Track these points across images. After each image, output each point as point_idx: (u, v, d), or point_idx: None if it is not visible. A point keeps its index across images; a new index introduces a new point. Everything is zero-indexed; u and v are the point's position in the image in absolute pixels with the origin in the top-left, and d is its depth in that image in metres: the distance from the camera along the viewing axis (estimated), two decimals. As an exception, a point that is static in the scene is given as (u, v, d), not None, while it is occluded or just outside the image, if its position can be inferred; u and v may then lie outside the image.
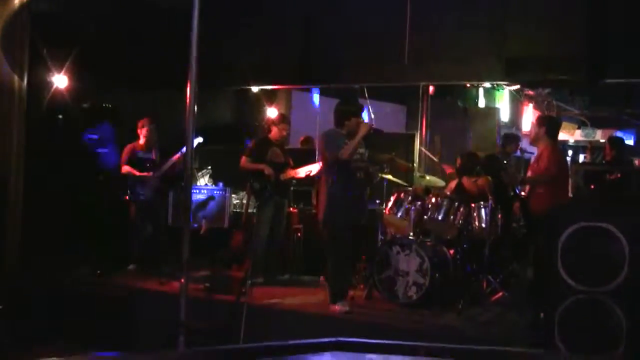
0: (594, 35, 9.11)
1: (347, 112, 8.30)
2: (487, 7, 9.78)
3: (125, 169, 10.40)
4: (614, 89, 12.88)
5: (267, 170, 9.62)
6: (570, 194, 8.91)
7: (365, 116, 8.74)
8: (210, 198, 9.76)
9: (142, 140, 10.53)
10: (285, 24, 11.07)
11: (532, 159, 8.63)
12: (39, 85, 10.51)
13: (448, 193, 9.45)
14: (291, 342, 2.65)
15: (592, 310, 6.38)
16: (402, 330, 7.54)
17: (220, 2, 10.18)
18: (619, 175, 9.30)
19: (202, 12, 5.94)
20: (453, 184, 9.67)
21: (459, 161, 9.77)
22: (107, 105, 11.65)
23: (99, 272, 9.93)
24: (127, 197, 10.40)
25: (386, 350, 2.61)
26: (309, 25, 10.95)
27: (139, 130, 10.53)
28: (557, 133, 8.67)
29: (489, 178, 8.85)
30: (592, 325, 6.36)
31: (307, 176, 9.87)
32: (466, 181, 9.45)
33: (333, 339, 2.63)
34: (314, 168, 9.78)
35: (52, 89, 10.70)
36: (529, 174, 8.63)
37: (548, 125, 8.48)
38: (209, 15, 6.33)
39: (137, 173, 10.34)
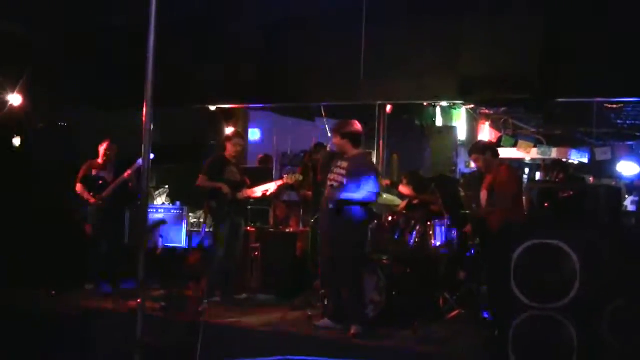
0: (547, 55, 9.25)
1: None
2: (442, 27, 9.88)
3: (79, 187, 10.34)
4: (567, 107, 13.06)
5: (225, 189, 9.60)
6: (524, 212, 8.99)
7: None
8: (162, 222, 9.72)
9: (100, 159, 10.47)
10: (243, 42, 11.09)
11: (486, 180, 8.67)
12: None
13: (404, 212, 9.53)
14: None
15: (545, 327, 6.46)
16: (358, 348, 7.55)
17: (177, 21, 10.18)
18: (571, 193, 9.45)
19: (159, 31, 5.94)
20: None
21: (404, 181, 9.88)
22: (62, 124, 11.59)
23: (53, 292, 9.83)
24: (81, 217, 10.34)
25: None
26: (266, 45, 10.97)
27: (99, 148, 10.48)
28: (498, 151, 8.83)
29: (437, 195, 8.92)
30: (545, 342, 6.44)
31: (264, 195, 9.88)
32: (404, 189, 9.56)
33: (281, 357, 2.65)
34: (270, 187, 9.79)
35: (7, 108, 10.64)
36: (484, 193, 8.67)
37: (489, 149, 8.65)
38: (166, 34, 6.33)
39: (87, 194, 10.28)
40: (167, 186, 11.94)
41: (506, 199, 8.23)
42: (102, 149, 10.46)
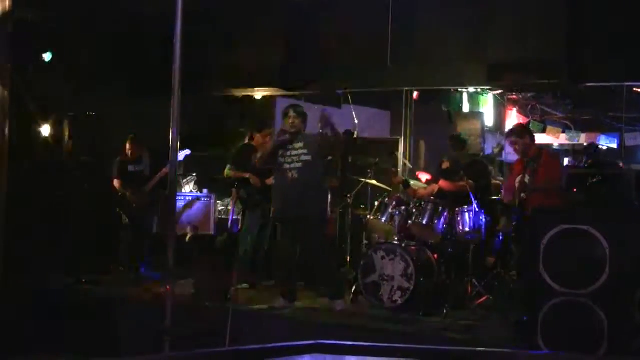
0: (574, 39, 9.17)
1: None
2: (469, 13, 9.82)
3: (117, 183, 10.41)
4: (596, 92, 12.94)
5: (253, 179, 9.63)
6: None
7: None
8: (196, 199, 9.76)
9: (130, 155, 10.55)
10: (268, 29, 11.08)
11: (518, 165, 8.57)
12: (23, 94, 10.50)
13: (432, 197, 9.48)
14: (271, 345, 2.67)
15: (574, 313, 6.42)
16: (387, 334, 7.56)
17: (203, 8, 10.18)
18: (600, 178, 9.36)
19: (185, 19, 5.95)
20: (435, 187, 9.71)
21: (445, 164, 9.80)
22: (90, 113, 11.66)
23: (84, 280, 9.92)
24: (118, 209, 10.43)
25: (365, 352, 2.64)
26: (292, 31, 10.95)
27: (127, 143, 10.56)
28: (534, 136, 8.76)
29: (471, 182, 8.86)
30: (575, 327, 6.40)
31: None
32: (444, 183, 9.49)
33: (312, 342, 2.65)
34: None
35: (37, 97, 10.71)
36: (520, 178, 8.53)
37: (527, 133, 8.55)
38: (192, 22, 6.34)
39: (128, 189, 10.36)
40: (194, 174, 11.98)
41: (551, 184, 8.18)
42: (126, 146, 10.53)
